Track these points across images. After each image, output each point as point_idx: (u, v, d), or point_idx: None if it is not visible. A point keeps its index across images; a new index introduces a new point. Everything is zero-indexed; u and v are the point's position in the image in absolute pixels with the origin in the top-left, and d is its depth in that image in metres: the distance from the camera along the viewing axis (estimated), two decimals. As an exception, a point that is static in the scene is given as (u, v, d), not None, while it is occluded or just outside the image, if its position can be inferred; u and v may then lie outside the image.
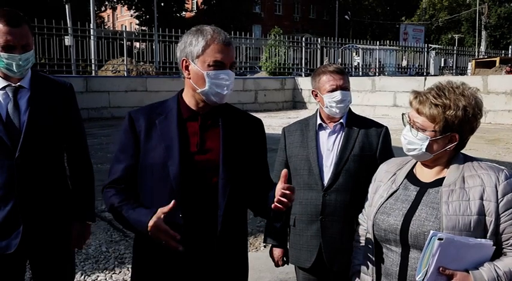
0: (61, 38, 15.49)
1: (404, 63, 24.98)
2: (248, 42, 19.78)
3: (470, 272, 1.53)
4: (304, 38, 21.23)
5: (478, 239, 1.54)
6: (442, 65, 27.47)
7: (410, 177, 1.79)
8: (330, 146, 2.35)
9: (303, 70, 20.54)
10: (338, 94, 2.30)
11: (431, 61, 25.97)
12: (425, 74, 23.51)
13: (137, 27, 44.41)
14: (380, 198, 1.79)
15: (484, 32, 44.37)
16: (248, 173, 1.80)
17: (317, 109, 2.46)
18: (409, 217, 1.67)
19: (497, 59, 24.80)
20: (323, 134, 2.38)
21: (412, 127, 1.70)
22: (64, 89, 2.27)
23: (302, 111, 16.78)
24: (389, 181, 1.82)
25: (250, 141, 1.83)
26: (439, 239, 1.49)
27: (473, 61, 25.87)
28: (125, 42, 17.50)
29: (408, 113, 1.74)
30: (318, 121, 2.39)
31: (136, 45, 21.85)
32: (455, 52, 27.79)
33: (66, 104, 2.25)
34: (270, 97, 17.93)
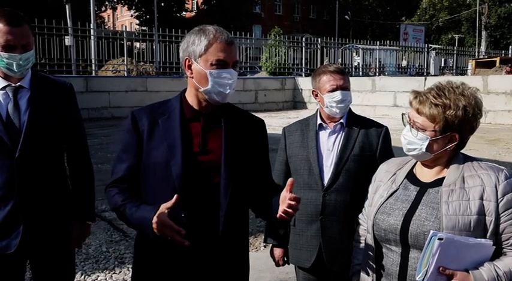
0: (61, 38, 15.49)
1: (404, 63, 24.98)
2: (248, 42, 19.80)
3: (470, 272, 1.54)
4: (304, 38, 21.24)
5: (478, 239, 1.55)
6: (442, 65, 27.48)
7: (410, 177, 1.79)
8: (330, 146, 2.35)
9: (303, 70, 20.54)
10: (338, 94, 2.30)
11: (431, 61, 25.96)
12: (425, 74, 23.51)
13: (137, 27, 44.42)
14: (380, 198, 1.79)
15: (484, 32, 44.36)
16: (250, 173, 1.80)
17: (317, 109, 2.47)
18: (409, 217, 1.67)
19: (497, 59, 24.81)
20: (323, 134, 2.38)
21: (412, 127, 1.70)
22: (64, 89, 2.27)
23: (302, 111, 16.77)
24: (389, 181, 1.82)
25: (252, 141, 1.83)
26: (439, 239, 1.49)
27: (473, 61, 25.87)
28: (125, 42, 17.50)
29: (408, 113, 1.74)
30: (318, 121, 2.40)
31: (136, 45, 21.87)
32: (455, 52, 27.80)
33: (66, 104, 2.25)
34: (270, 97, 17.93)
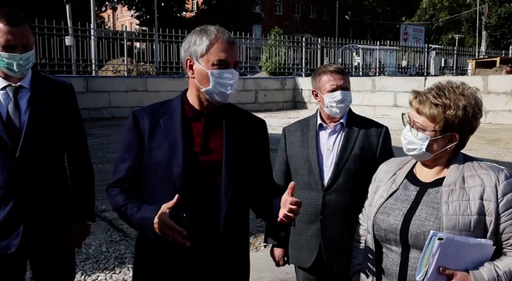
0: (61, 38, 15.50)
1: (404, 63, 24.97)
2: (248, 42, 19.80)
3: (470, 272, 1.54)
4: (304, 38, 21.25)
5: (478, 239, 1.55)
6: (442, 65, 27.48)
7: (410, 177, 1.79)
8: (330, 146, 2.35)
9: (303, 70, 20.55)
10: (338, 94, 2.30)
11: (431, 61, 25.95)
12: (425, 74, 23.51)
13: (137, 27, 44.41)
14: (380, 198, 1.79)
15: (485, 32, 44.34)
16: (251, 173, 1.80)
17: (317, 109, 2.47)
18: (409, 217, 1.67)
19: (497, 59, 24.81)
20: (323, 134, 2.38)
21: (412, 127, 1.70)
22: (64, 89, 2.27)
23: (302, 111, 16.78)
24: (389, 181, 1.82)
25: (253, 142, 1.84)
26: (439, 239, 1.49)
27: (473, 61, 25.86)
28: (125, 42, 17.51)
29: (408, 113, 1.74)
30: (318, 121, 2.39)
31: (136, 45, 21.86)
32: (455, 52, 27.80)
33: (66, 104, 2.25)
34: (270, 97, 17.93)
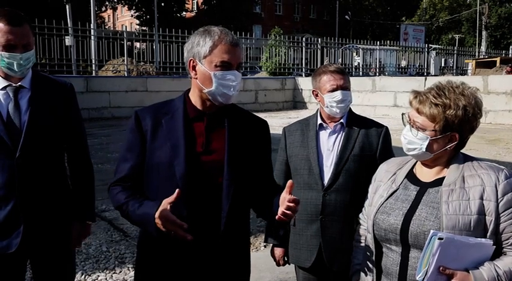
0: (61, 38, 15.50)
1: (403, 63, 24.97)
2: (248, 42, 19.80)
3: (470, 271, 1.54)
4: (304, 38, 21.25)
5: (478, 238, 1.55)
6: (443, 65, 27.47)
7: (410, 177, 1.79)
8: (330, 146, 2.35)
9: (304, 70, 20.55)
10: (338, 94, 2.30)
11: (431, 61, 25.95)
12: (425, 74, 23.50)
13: (137, 27, 44.42)
14: (380, 198, 1.80)
15: (485, 32, 44.31)
16: (252, 174, 1.80)
17: (317, 109, 2.47)
18: (409, 217, 1.67)
19: (497, 59, 24.80)
20: (323, 134, 2.38)
21: (412, 127, 1.70)
22: (64, 89, 2.27)
23: (302, 111, 16.77)
24: (389, 181, 1.82)
25: (255, 142, 1.84)
26: (439, 238, 1.49)
27: (473, 61, 25.85)
28: (125, 42, 17.50)
29: (408, 113, 1.74)
30: (319, 121, 2.40)
31: (136, 45, 21.86)
32: (455, 52, 27.80)
33: (66, 104, 2.25)
34: (271, 97, 17.93)
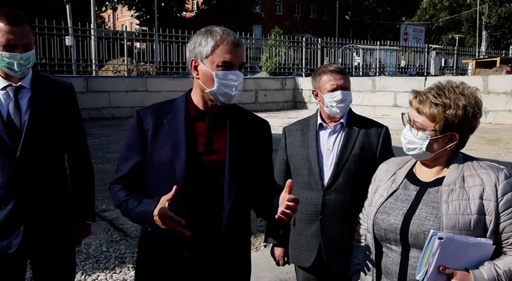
0: (62, 38, 15.50)
1: (403, 63, 24.97)
2: (248, 42, 19.77)
3: (470, 271, 1.54)
4: (304, 38, 21.25)
5: (478, 238, 1.55)
6: (443, 65, 27.47)
7: (410, 176, 1.79)
8: (330, 145, 2.35)
9: (304, 70, 20.55)
10: (338, 94, 2.30)
11: (431, 61, 25.95)
12: (425, 74, 23.50)
13: (138, 27, 44.43)
14: (380, 197, 1.80)
15: (485, 32, 44.30)
16: (253, 174, 1.80)
17: (317, 109, 2.47)
18: (409, 217, 1.67)
19: (497, 59, 24.80)
20: (323, 134, 2.38)
21: (412, 127, 1.71)
22: (65, 89, 2.27)
23: (302, 111, 16.77)
24: (389, 181, 1.83)
25: (256, 143, 1.84)
26: (439, 238, 1.49)
27: (473, 61, 25.85)
28: (126, 42, 17.50)
29: (408, 113, 1.75)
30: (319, 121, 2.40)
31: (136, 45, 21.85)
32: (455, 52, 27.80)
33: (66, 104, 2.25)
34: (271, 97, 17.93)
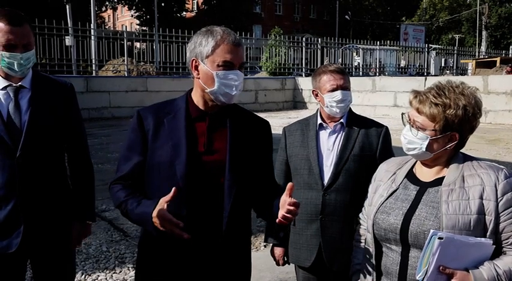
0: (62, 38, 15.50)
1: (403, 63, 24.97)
2: (248, 42, 19.77)
3: (470, 271, 1.54)
4: (304, 38, 21.25)
5: (478, 238, 1.55)
6: (443, 65, 27.47)
7: (410, 176, 1.79)
8: (330, 145, 2.35)
9: (304, 70, 20.55)
10: (338, 94, 2.30)
11: (431, 61, 25.95)
12: (425, 74, 23.50)
13: (138, 27, 44.43)
14: (380, 197, 1.80)
15: (485, 32, 44.29)
16: (254, 174, 1.81)
17: (317, 109, 2.47)
18: (409, 216, 1.67)
19: (497, 59, 24.79)
20: (323, 134, 2.38)
21: (412, 126, 1.71)
22: (65, 89, 2.27)
23: (302, 111, 16.78)
24: (389, 181, 1.83)
25: (257, 143, 1.84)
26: (439, 238, 1.49)
27: (473, 61, 25.84)
28: (126, 42, 17.51)
29: (408, 113, 1.75)
30: (319, 121, 2.40)
31: (136, 45, 21.85)
32: (455, 52, 27.80)
33: (66, 104, 2.25)
34: (271, 97, 17.93)
